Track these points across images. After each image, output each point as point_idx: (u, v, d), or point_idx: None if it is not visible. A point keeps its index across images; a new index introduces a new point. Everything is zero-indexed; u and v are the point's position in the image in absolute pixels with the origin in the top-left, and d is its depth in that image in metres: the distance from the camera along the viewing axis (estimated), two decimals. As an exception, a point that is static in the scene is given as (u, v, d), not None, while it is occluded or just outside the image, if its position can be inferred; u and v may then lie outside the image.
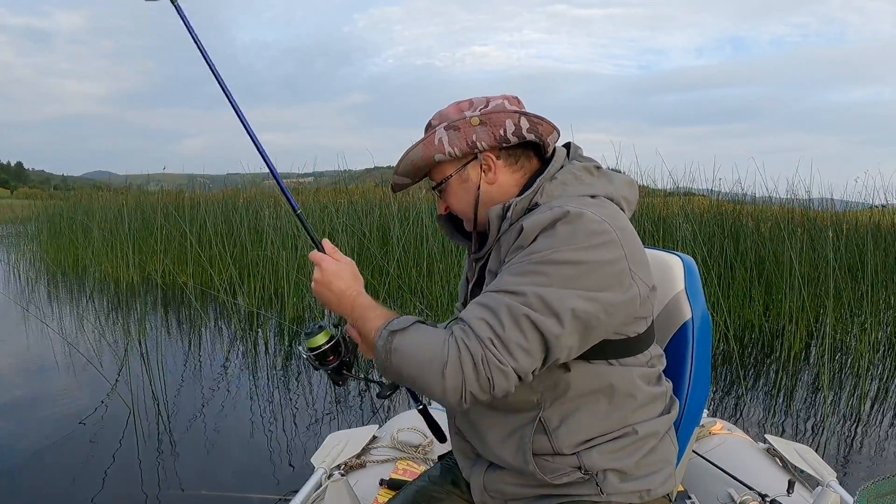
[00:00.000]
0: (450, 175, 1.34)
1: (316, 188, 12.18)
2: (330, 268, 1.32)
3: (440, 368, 1.11)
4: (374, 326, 1.23)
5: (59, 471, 3.49)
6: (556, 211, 1.17)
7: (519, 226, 1.22)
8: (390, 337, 1.18)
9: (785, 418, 4.57)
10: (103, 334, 6.54)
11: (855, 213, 8.61)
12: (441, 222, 1.48)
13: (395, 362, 1.16)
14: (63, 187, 23.27)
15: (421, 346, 1.15)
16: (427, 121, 1.38)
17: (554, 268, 1.13)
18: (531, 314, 1.10)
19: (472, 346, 1.10)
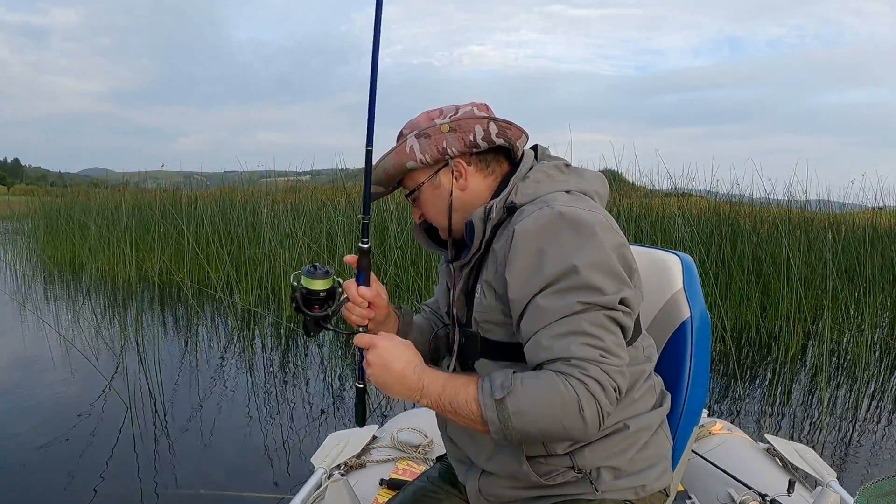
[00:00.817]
0: (422, 182, 1.35)
1: (314, 186, 12.18)
2: (386, 346, 1.22)
3: (577, 410, 1.09)
4: (470, 398, 1.16)
5: (56, 468, 3.48)
6: (545, 213, 1.18)
7: (510, 230, 1.21)
8: (501, 405, 1.12)
9: (782, 419, 4.58)
10: (100, 332, 6.53)
11: (852, 214, 8.62)
12: (417, 232, 1.49)
13: (519, 427, 1.11)
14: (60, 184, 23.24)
15: (543, 401, 1.10)
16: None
17: (592, 273, 1.15)
18: (607, 313, 1.15)
19: (594, 373, 1.10)
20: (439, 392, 1.18)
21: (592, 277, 1.14)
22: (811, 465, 1.89)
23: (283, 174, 12.99)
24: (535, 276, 1.17)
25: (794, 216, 8.02)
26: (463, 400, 1.16)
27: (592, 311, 1.13)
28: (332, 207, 8.68)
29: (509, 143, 1.31)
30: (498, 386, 1.13)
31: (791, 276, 6.56)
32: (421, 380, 1.19)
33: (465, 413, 1.16)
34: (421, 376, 1.19)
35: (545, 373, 1.13)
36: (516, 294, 1.19)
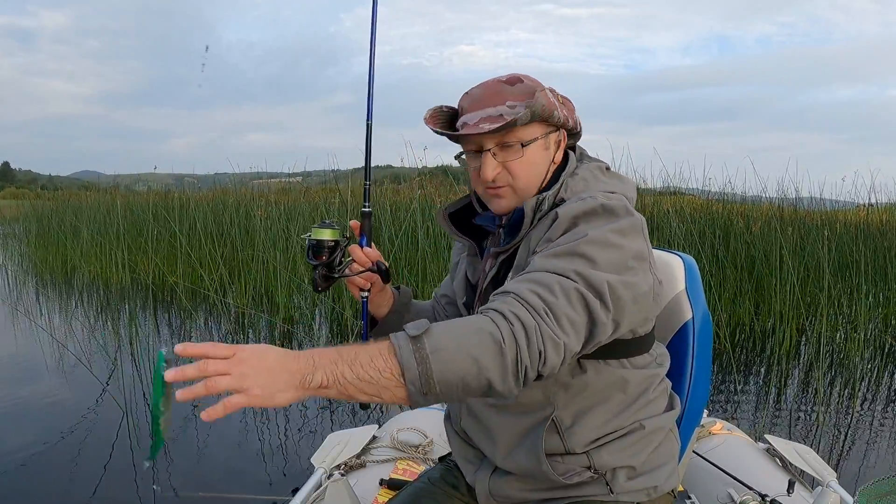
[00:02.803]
0: (537, 137, 1.27)
1: (306, 187, 12.16)
2: (251, 347, 0.95)
3: (497, 348, 0.97)
4: (378, 350, 0.96)
5: (54, 472, 3.46)
6: (588, 201, 1.18)
7: (553, 214, 1.20)
8: (418, 344, 0.95)
9: (777, 417, 4.59)
10: (94, 335, 6.50)
11: (843, 212, 8.66)
12: (443, 217, 1.44)
13: (438, 368, 0.94)
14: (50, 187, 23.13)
15: (464, 335, 0.98)
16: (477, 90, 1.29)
17: (597, 249, 1.10)
18: (582, 291, 1.05)
19: (523, 316, 1.00)
20: (334, 358, 0.94)
21: (591, 248, 1.10)
22: (811, 465, 1.90)
23: (274, 175, 12.96)
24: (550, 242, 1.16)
25: (787, 214, 8.06)
26: (367, 357, 0.94)
27: (570, 280, 1.06)
28: (325, 208, 8.66)
29: (578, 136, 1.38)
30: (412, 326, 0.97)
31: (784, 273, 6.58)
32: (308, 354, 0.94)
33: (371, 373, 0.93)
34: (306, 352, 0.95)
35: (473, 315, 1.05)
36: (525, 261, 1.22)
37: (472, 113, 1.26)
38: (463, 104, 1.30)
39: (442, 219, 1.45)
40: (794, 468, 1.95)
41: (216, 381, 0.92)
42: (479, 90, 1.28)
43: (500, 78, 1.28)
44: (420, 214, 7.34)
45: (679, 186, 9.04)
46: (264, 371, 0.91)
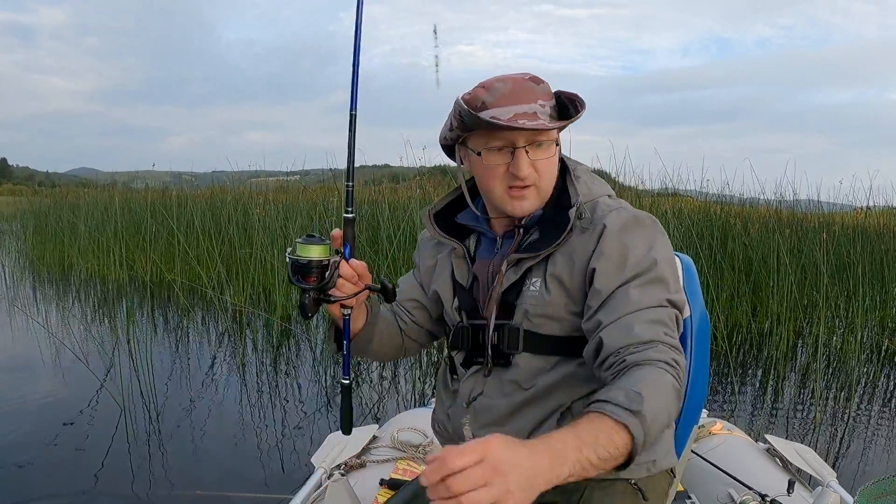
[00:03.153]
0: (557, 140, 1.31)
1: (304, 186, 12.15)
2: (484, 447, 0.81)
3: (678, 395, 1.09)
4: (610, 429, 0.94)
5: (51, 470, 3.46)
6: (623, 213, 1.25)
7: (600, 226, 1.23)
8: (639, 417, 0.96)
9: (775, 417, 4.60)
10: (91, 332, 6.49)
11: (841, 214, 8.68)
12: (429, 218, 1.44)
13: (655, 430, 1.00)
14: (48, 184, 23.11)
15: (665, 397, 1.05)
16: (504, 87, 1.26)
17: (669, 270, 1.23)
18: (676, 315, 1.21)
19: (680, 361, 1.12)
20: (578, 445, 0.90)
21: (666, 273, 1.21)
22: (811, 465, 1.90)
23: (272, 174, 12.96)
24: (623, 267, 1.19)
25: (784, 216, 8.07)
26: (606, 438, 0.93)
27: (669, 308, 1.19)
28: (324, 207, 8.66)
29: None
30: (625, 401, 0.98)
31: (782, 275, 6.59)
32: (550, 447, 0.88)
33: (611, 450, 0.93)
34: (547, 443, 0.88)
35: (643, 368, 1.08)
36: (603, 284, 1.19)
37: (502, 108, 1.22)
38: (485, 98, 1.24)
39: (427, 219, 1.43)
40: (794, 468, 1.95)
41: (475, 497, 0.77)
42: (506, 86, 1.24)
43: (523, 76, 1.27)
44: (419, 215, 7.34)
45: (677, 188, 9.05)
46: (522, 477, 0.81)
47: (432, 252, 1.49)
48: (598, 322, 1.18)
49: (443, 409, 1.47)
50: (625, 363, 1.10)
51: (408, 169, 10.60)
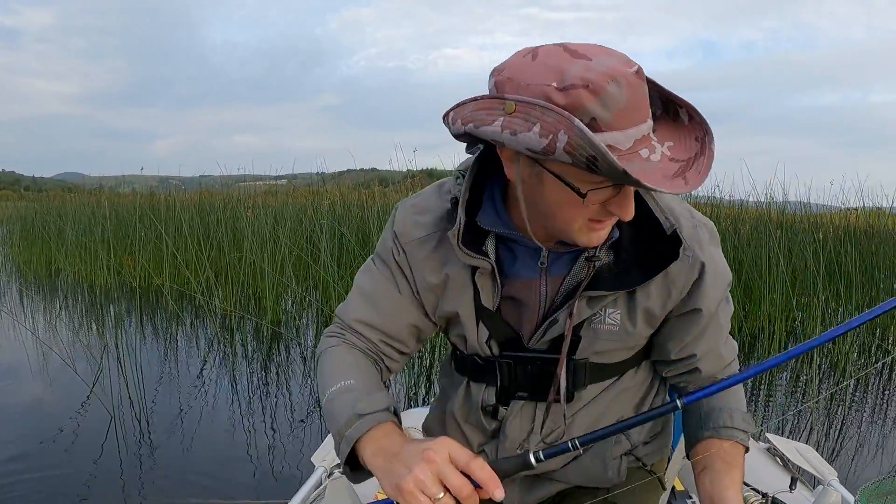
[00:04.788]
0: None
1: (292, 189, 12.14)
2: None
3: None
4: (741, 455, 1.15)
5: (39, 479, 3.41)
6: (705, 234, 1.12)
7: (698, 257, 1.07)
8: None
9: (768, 418, 4.61)
10: (79, 338, 6.44)
11: (830, 215, 8.73)
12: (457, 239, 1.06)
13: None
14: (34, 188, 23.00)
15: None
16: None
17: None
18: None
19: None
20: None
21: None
22: (812, 463, 1.90)
23: (259, 178, 12.95)
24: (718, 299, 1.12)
25: (774, 217, 8.10)
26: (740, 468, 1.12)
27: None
28: (313, 211, 8.64)
29: None
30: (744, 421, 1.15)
31: (773, 276, 6.61)
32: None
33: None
34: None
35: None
36: (702, 319, 1.12)
37: (621, 132, 0.87)
38: (597, 112, 0.84)
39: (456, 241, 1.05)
40: (794, 467, 1.95)
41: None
42: (622, 92, 0.85)
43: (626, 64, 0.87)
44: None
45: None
46: None
47: (436, 264, 1.13)
48: (693, 353, 1.15)
49: (464, 441, 1.25)
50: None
51: (395, 172, 10.60)
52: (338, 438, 1.02)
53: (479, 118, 0.89)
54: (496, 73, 0.91)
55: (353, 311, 1.18)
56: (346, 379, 1.08)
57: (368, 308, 1.16)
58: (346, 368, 1.11)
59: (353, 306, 1.18)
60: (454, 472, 0.86)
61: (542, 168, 0.91)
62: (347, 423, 1.00)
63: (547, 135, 0.82)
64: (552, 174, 0.91)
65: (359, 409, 1.01)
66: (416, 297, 1.16)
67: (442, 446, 0.88)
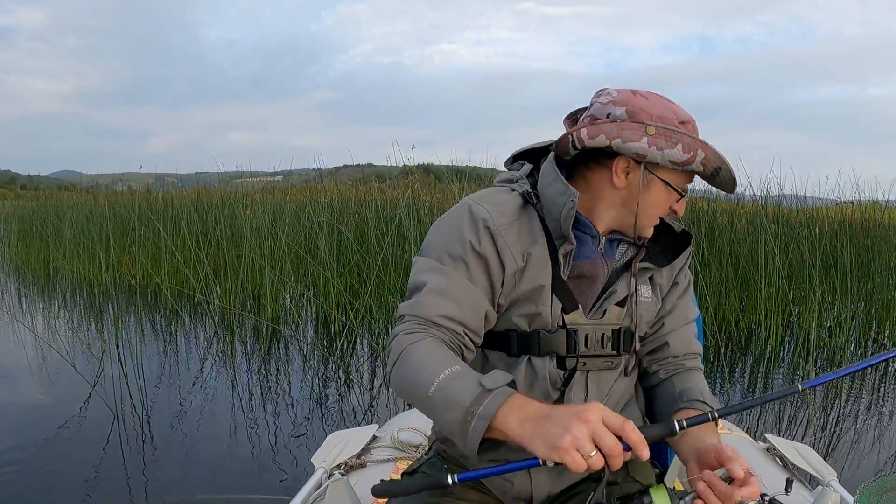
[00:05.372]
0: None
1: (288, 186, 12.13)
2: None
3: None
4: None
5: (41, 477, 3.43)
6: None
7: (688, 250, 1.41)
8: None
9: (764, 412, 4.64)
10: (78, 337, 6.45)
11: (826, 209, 8.76)
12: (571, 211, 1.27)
13: None
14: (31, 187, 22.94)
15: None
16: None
17: None
18: None
19: None
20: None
21: None
22: (811, 464, 1.91)
23: (256, 174, 12.93)
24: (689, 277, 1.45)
25: (770, 211, 8.13)
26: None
27: None
28: (311, 208, 8.64)
29: None
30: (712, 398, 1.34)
31: (769, 270, 6.64)
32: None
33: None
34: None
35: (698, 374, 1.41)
36: (676, 294, 1.42)
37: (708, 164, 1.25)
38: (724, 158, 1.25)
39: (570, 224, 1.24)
40: (794, 467, 1.96)
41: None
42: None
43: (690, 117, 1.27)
44: (406, 215, 7.32)
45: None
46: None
47: (520, 247, 1.26)
48: (663, 324, 1.40)
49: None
50: (683, 367, 1.40)
51: (391, 168, 10.58)
52: (467, 419, 1.01)
53: (626, 136, 1.19)
54: (622, 104, 1.22)
55: (433, 308, 1.20)
56: (450, 366, 1.09)
57: (448, 303, 1.21)
58: (446, 358, 1.13)
59: (431, 303, 1.21)
60: (607, 433, 0.94)
61: (654, 177, 1.24)
62: (476, 402, 1.01)
63: (688, 151, 1.20)
64: (661, 180, 1.24)
65: (486, 384, 1.03)
66: (489, 288, 1.25)
67: (595, 409, 0.96)
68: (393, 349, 1.19)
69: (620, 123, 1.20)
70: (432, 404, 1.08)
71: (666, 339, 1.39)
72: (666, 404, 1.36)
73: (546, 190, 1.26)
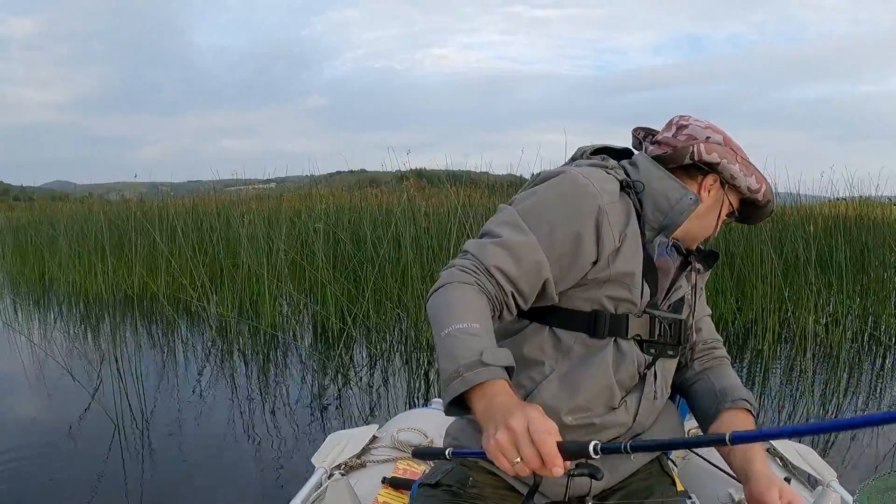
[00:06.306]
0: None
1: (280, 194, 12.11)
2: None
3: None
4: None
5: (42, 489, 3.43)
6: None
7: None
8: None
9: (763, 410, 4.65)
10: (76, 347, 6.44)
11: (820, 206, 8.78)
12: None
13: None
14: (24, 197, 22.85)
15: None
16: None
17: None
18: None
19: None
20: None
21: None
22: (811, 464, 1.91)
23: (250, 182, 12.91)
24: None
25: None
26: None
27: None
28: (307, 214, 8.63)
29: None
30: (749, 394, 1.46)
31: (765, 268, 6.66)
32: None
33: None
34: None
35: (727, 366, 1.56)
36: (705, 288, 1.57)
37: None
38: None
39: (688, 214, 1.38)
40: (794, 468, 1.96)
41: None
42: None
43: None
44: (404, 219, 7.32)
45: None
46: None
47: (620, 228, 1.30)
48: (693, 314, 1.46)
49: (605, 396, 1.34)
50: (713, 356, 1.55)
51: (384, 173, 10.57)
52: (453, 374, 1.07)
53: (729, 159, 1.37)
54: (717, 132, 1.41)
55: (495, 258, 1.23)
56: (472, 321, 1.13)
57: (511, 260, 1.23)
58: (475, 311, 1.16)
59: (495, 254, 1.23)
60: (528, 443, 0.94)
61: (724, 196, 1.42)
62: (469, 366, 1.06)
63: (760, 183, 1.42)
64: (728, 200, 1.43)
65: (485, 357, 1.07)
66: (569, 261, 1.27)
67: (522, 418, 0.96)
68: (442, 276, 1.24)
69: (724, 148, 1.38)
70: (440, 343, 1.13)
71: (700, 325, 1.52)
72: (709, 405, 1.46)
73: (652, 182, 1.36)
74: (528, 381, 1.32)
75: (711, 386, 1.47)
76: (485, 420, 1.02)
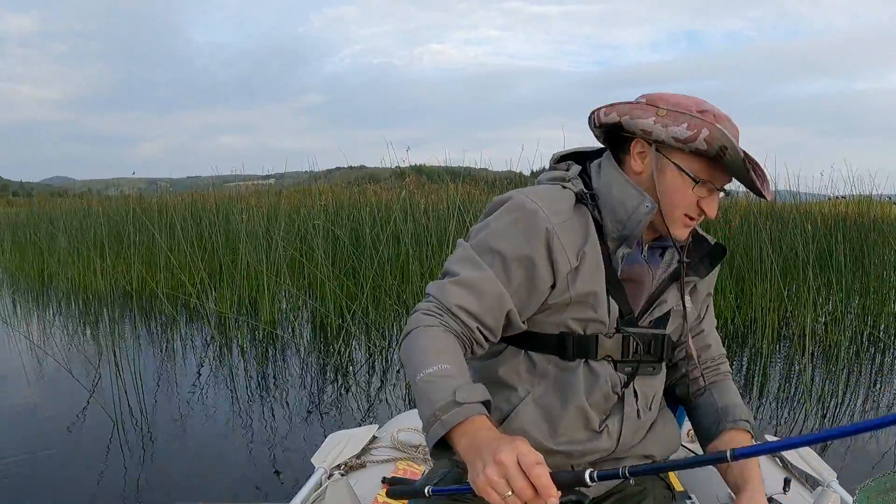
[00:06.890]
0: None
1: (280, 189, 12.09)
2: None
3: None
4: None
5: (41, 486, 3.42)
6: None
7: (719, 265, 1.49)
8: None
9: (762, 409, 4.65)
10: (74, 344, 6.43)
11: (819, 204, 8.78)
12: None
13: None
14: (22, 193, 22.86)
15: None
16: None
17: None
18: None
19: None
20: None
21: None
22: (811, 464, 1.90)
23: (248, 178, 12.89)
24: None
25: (764, 207, 8.15)
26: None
27: None
28: (306, 211, 8.62)
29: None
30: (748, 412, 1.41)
31: (764, 267, 6.66)
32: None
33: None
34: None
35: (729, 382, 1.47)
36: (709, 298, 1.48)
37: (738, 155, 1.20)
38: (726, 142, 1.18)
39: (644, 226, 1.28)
40: (793, 468, 1.96)
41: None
42: (733, 128, 1.23)
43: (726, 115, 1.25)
44: (403, 216, 7.32)
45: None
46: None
47: (576, 247, 1.26)
48: (703, 329, 1.45)
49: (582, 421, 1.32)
50: (719, 371, 1.47)
51: (383, 169, 10.55)
52: (431, 419, 1.06)
53: (634, 114, 1.23)
54: (647, 96, 1.26)
55: (455, 297, 1.21)
56: (443, 363, 1.11)
57: (472, 296, 1.21)
58: (444, 353, 1.15)
59: (455, 293, 1.22)
60: (519, 475, 0.93)
61: (666, 161, 1.23)
62: (445, 409, 1.04)
63: (692, 129, 1.18)
64: (673, 164, 1.23)
65: (459, 397, 1.05)
66: (527, 289, 1.25)
67: (511, 450, 0.94)
68: (410, 322, 1.23)
69: (634, 104, 1.25)
70: (416, 390, 1.12)
71: (708, 342, 1.47)
72: (711, 422, 1.41)
73: (611, 189, 1.27)
74: (505, 403, 1.31)
75: (714, 402, 1.42)
76: (470, 457, 0.99)
